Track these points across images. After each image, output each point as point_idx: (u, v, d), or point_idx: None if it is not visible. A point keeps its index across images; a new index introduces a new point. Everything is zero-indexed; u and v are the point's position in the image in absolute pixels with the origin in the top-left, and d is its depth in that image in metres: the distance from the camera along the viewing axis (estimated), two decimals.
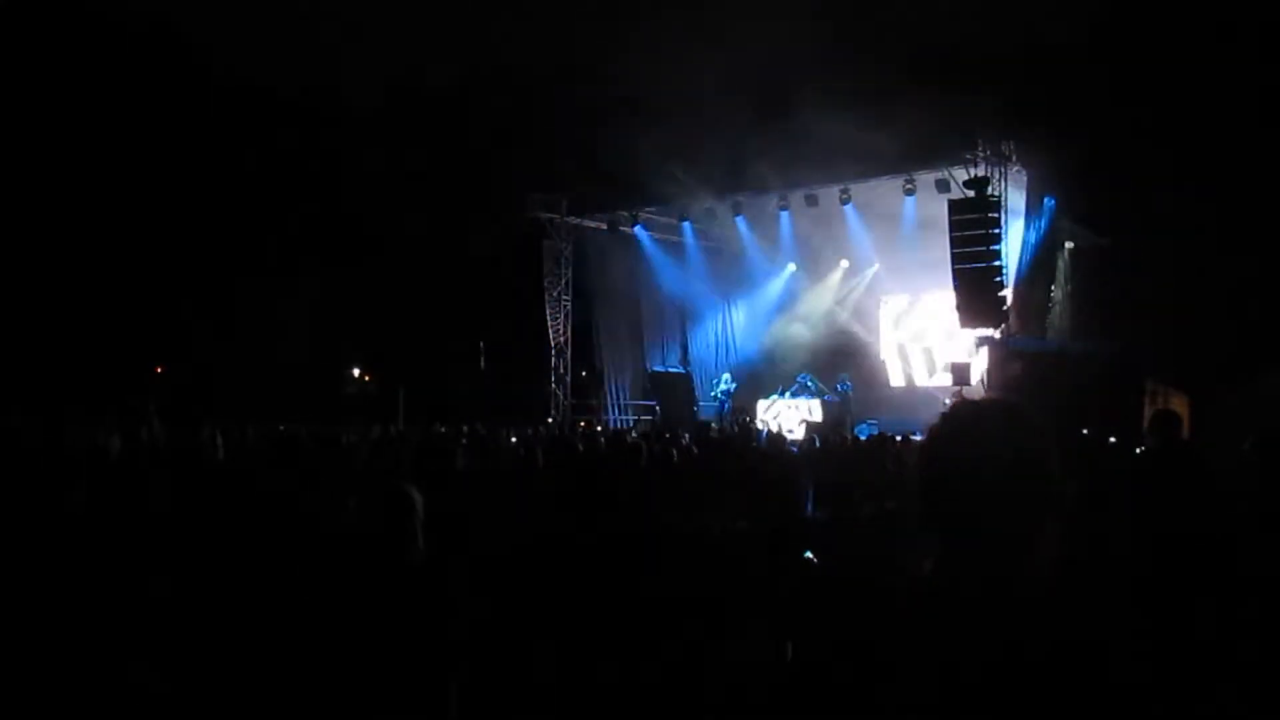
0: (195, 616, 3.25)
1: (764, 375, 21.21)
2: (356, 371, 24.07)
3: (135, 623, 3.23)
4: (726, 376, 20.42)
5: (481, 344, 20.20)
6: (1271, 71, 11.43)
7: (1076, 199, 14.25)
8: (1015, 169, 15.17)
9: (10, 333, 16.83)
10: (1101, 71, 13.27)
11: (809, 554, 3.62)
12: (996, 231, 14.67)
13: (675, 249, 21.41)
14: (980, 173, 14.89)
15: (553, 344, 20.76)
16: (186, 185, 18.71)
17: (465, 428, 11.29)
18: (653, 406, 20.72)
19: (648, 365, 22.17)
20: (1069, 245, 14.86)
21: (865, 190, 17.62)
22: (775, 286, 22.26)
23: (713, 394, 20.26)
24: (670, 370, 22.17)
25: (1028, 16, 12.92)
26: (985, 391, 15.56)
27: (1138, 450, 5.20)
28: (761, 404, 19.62)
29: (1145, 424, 4.18)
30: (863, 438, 12.47)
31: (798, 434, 15.63)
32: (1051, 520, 1.34)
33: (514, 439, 10.08)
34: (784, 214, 19.07)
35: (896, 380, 21.22)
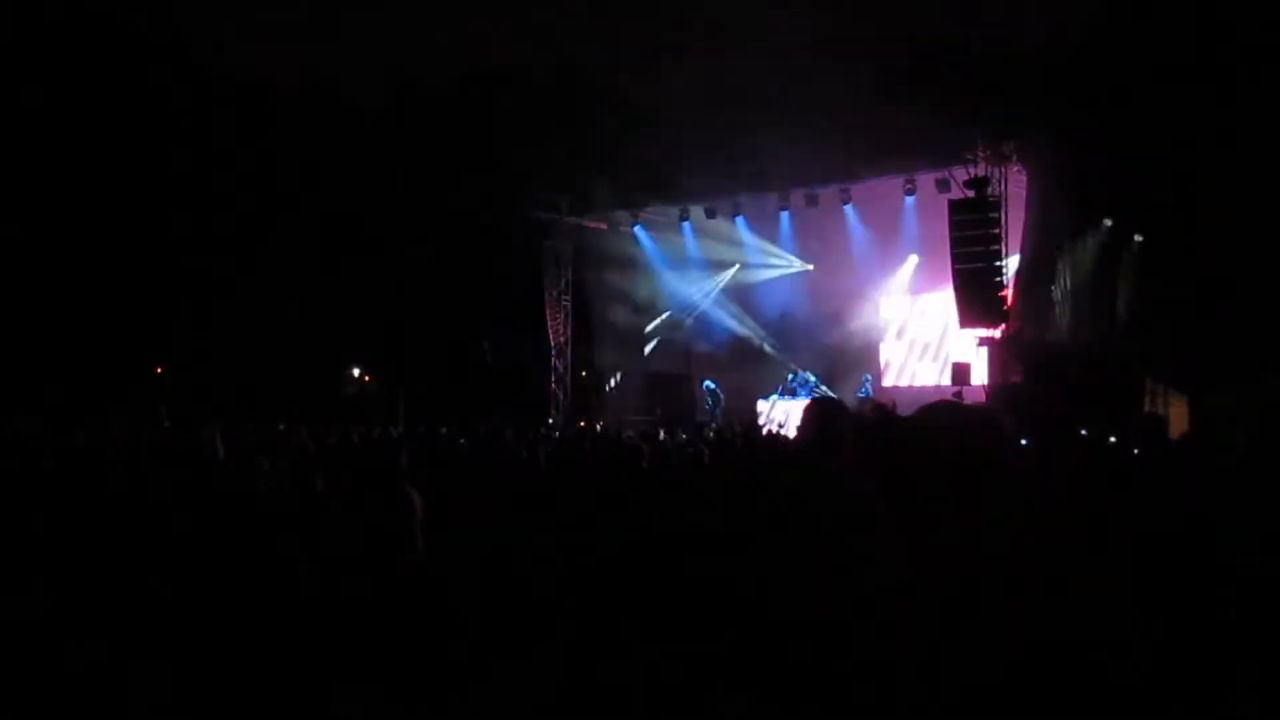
0: (195, 614, 3.26)
1: (764, 375, 21.23)
2: (356, 371, 24.07)
3: (135, 619, 3.24)
4: (707, 382, 20.61)
5: (486, 343, 20.21)
6: (1272, 70, 11.43)
7: (1075, 198, 14.25)
8: (1015, 169, 15.18)
9: (10, 333, 16.84)
10: (1101, 71, 13.27)
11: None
12: (996, 232, 14.68)
13: (675, 249, 21.43)
14: (980, 173, 14.90)
15: (553, 344, 20.77)
16: (185, 185, 18.70)
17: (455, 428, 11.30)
18: (653, 407, 20.74)
19: (648, 365, 22.19)
20: (1069, 246, 14.83)
21: (865, 190, 17.64)
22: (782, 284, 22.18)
23: (702, 403, 20.38)
24: (670, 370, 22.20)
25: (1028, 16, 12.92)
26: (986, 392, 15.59)
27: (1131, 453, 5.21)
28: (762, 404, 19.63)
29: (1134, 428, 4.19)
30: None
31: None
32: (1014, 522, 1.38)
33: (514, 440, 10.07)
34: (784, 214, 19.08)
35: (897, 380, 21.23)
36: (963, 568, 1.35)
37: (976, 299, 14.88)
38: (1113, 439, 8.37)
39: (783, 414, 18.68)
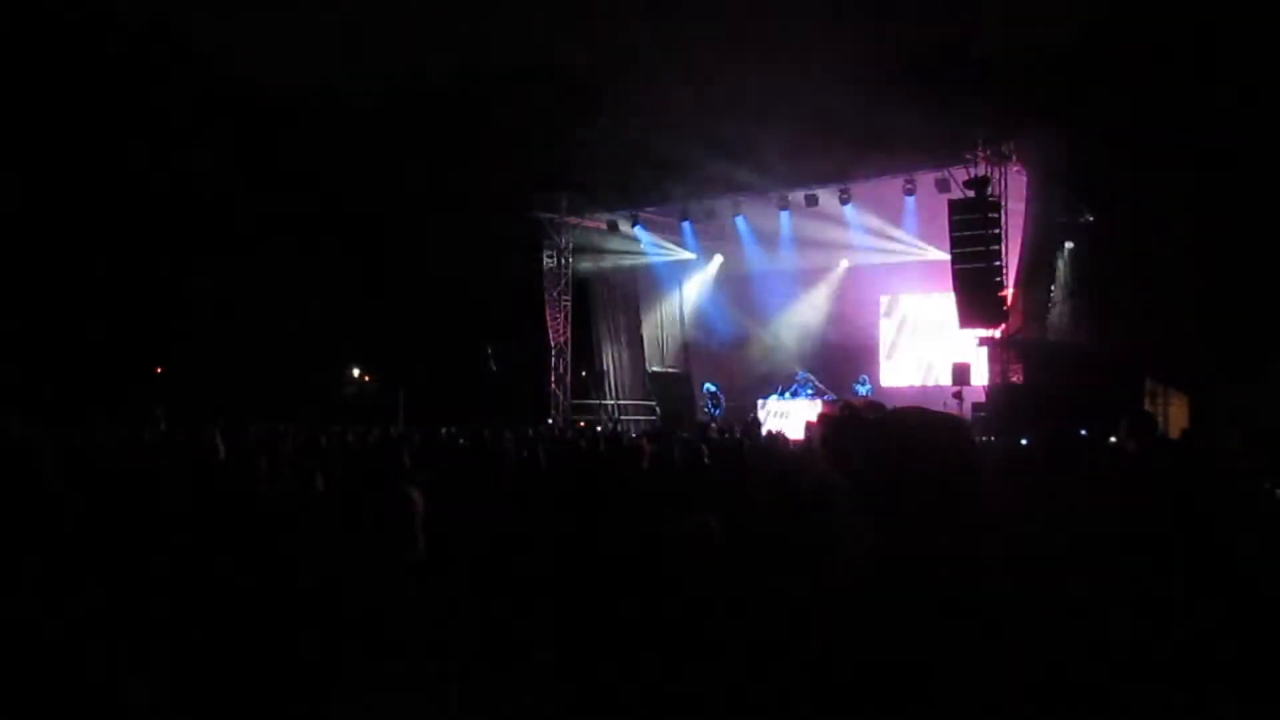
0: (194, 613, 3.26)
1: (763, 375, 21.23)
2: (356, 371, 24.07)
3: (134, 619, 3.24)
4: (708, 385, 20.61)
5: (490, 349, 20.21)
6: (1273, 70, 11.44)
7: (1075, 198, 14.26)
8: (1015, 169, 15.18)
9: (10, 333, 16.84)
10: (1101, 70, 13.28)
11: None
12: (996, 231, 14.68)
13: (675, 249, 21.43)
14: (980, 173, 14.90)
15: (553, 344, 20.77)
16: (185, 185, 18.72)
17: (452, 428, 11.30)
18: (653, 406, 20.74)
19: (648, 365, 22.19)
20: (1068, 246, 14.86)
21: (865, 190, 17.63)
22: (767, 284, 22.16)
23: (703, 406, 20.37)
24: (670, 370, 22.19)
25: (1027, 16, 12.93)
26: (986, 392, 15.61)
27: (1125, 452, 5.22)
28: (761, 404, 19.62)
29: (1125, 428, 4.19)
30: None
31: (798, 433, 15.61)
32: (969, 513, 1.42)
33: (515, 440, 10.06)
34: (784, 214, 19.09)
35: (896, 380, 21.22)
36: (944, 565, 1.36)
37: (976, 299, 14.88)
38: (1113, 439, 8.38)
39: (783, 414, 18.67)
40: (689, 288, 22.49)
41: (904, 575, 1.36)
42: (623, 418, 20.69)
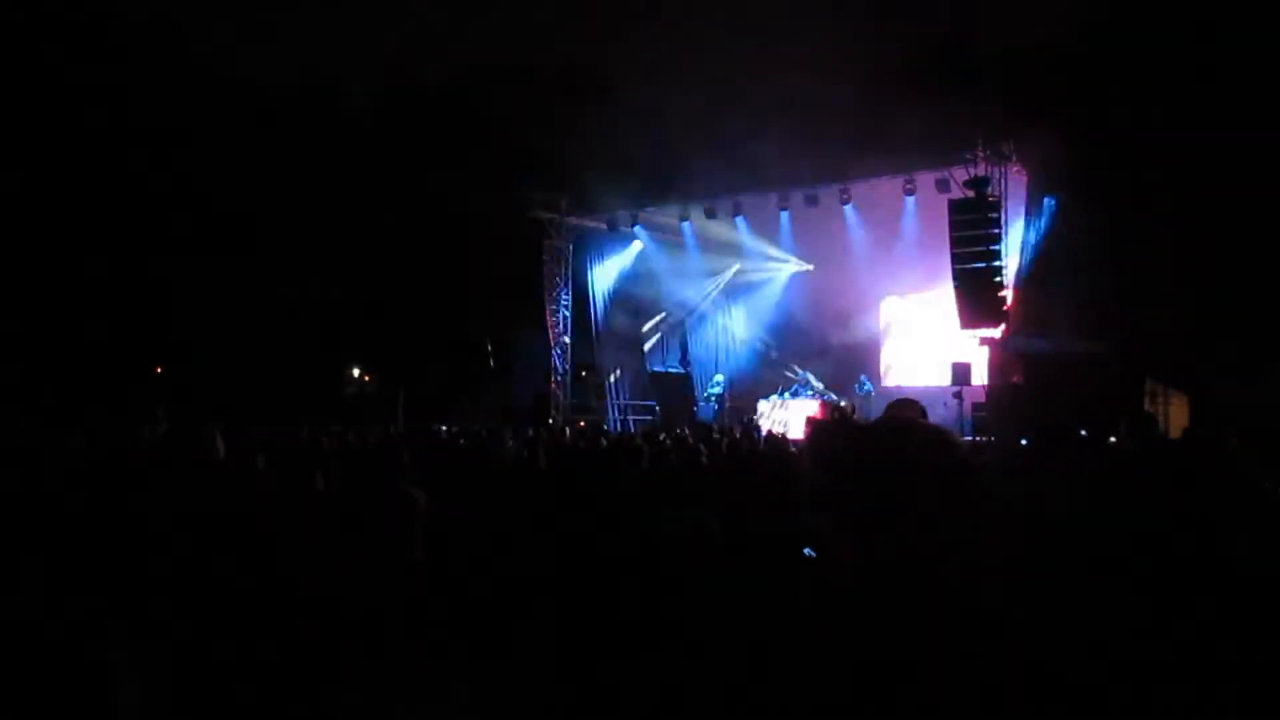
0: (193, 614, 3.26)
1: (764, 375, 21.22)
2: (356, 371, 24.07)
3: (132, 619, 3.24)
4: (719, 378, 20.55)
5: (489, 345, 20.20)
6: (1272, 70, 11.45)
7: (1076, 198, 14.26)
8: (1015, 169, 15.18)
9: (9, 333, 16.84)
10: (1101, 70, 13.29)
11: (808, 550, 3.62)
12: (996, 231, 14.68)
13: (675, 249, 21.42)
14: (980, 173, 14.90)
15: (553, 344, 20.77)
16: (185, 184, 18.72)
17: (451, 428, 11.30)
18: (653, 406, 20.73)
19: (648, 365, 22.19)
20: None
21: (865, 190, 17.63)
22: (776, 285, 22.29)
23: (706, 395, 20.34)
24: (670, 370, 22.19)
25: (1028, 16, 12.94)
26: (986, 392, 15.61)
27: (1125, 452, 5.22)
28: (762, 404, 19.62)
29: (1125, 428, 4.21)
30: None
31: (798, 433, 15.61)
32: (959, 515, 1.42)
33: (515, 440, 10.06)
34: (784, 214, 19.09)
35: (897, 380, 21.23)
36: (944, 565, 1.36)
37: (976, 299, 14.88)
38: (1113, 439, 8.38)
39: (783, 414, 18.67)
40: (689, 287, 22.49)
41: (902, 576, 1.36)
42: (623, 418, 20.68)
